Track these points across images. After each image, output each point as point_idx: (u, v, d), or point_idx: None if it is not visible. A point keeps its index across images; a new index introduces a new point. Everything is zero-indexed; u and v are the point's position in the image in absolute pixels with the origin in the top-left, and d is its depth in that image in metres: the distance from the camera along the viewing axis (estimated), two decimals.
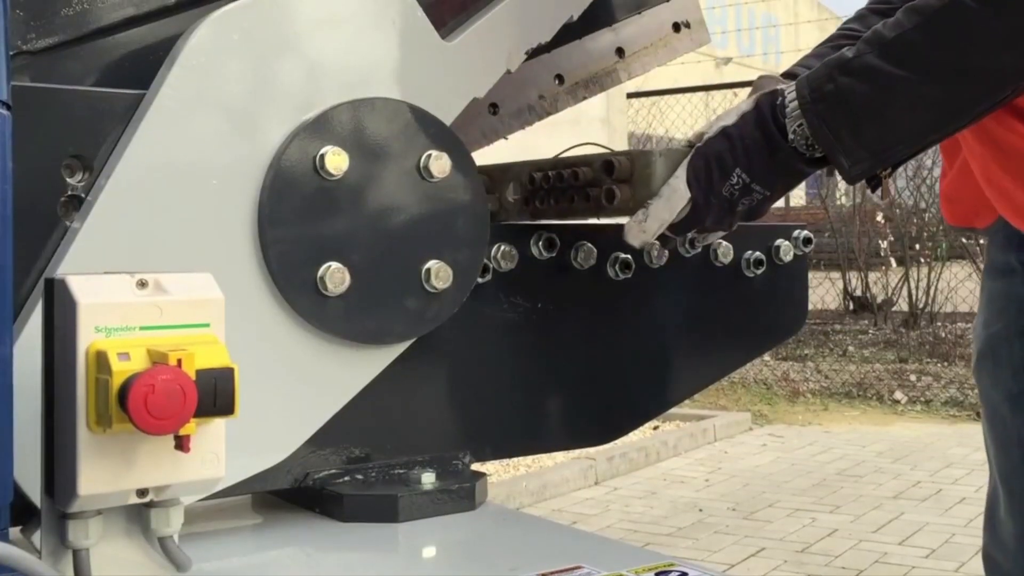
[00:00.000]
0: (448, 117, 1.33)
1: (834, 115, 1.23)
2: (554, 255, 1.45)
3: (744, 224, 1.38)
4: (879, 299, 10.70)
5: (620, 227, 1.37)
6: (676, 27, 1.79)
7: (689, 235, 1.42)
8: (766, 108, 1.29)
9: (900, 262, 10.48)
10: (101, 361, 0.87)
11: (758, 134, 1.28)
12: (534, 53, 1.55)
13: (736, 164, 1.28)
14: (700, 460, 6.31)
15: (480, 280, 1.38)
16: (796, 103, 1.26)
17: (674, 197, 1.30)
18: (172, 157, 1.16)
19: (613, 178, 1.34)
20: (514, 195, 1.46)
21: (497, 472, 5.36)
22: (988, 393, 1.57)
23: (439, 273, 1.31)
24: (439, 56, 1.33)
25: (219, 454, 0.93)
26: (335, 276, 1.24)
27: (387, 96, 1.29)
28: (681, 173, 1.30)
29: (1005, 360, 1.52)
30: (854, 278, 11.05)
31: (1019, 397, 1.49)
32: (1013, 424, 1.50)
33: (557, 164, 1.42)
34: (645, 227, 1.33)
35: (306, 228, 1.23)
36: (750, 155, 1.28)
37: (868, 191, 1.46)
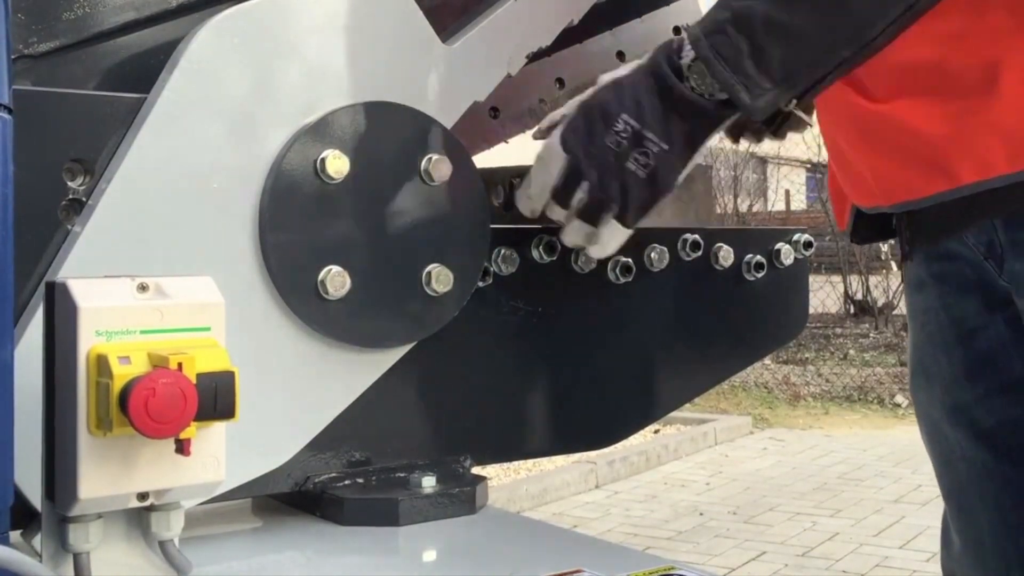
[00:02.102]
0: (449, 120, 1.33)
1: (731, 44, 1.10)
2: (555, 259, 1.45)
3: (744, 228, 1.38)
4: (880, 302, 10.70)
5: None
6: (677, 31, 1.79)
7: (584, 222, 1.27)
8: (660, 54, 1.18)
9: (901, 265, 10.48)
10: (102, 365, 0.87)
11: (650, 79, 1.16)
12: (535, 57, 1.56)
13: (622, 110, 1.16)
14: (701, 464, 6.31)
15: (481, 284, 1.38)
16: (689, 44, 1.15)
17: (550, 157, 1.21)
18: (173, 161, 1.16)
19: None
20: (497, 199, 1.47)
21: (498, 476, 5.36)
22: (926, 410, 1.50)
23: (440, 277, 1.31)
24: (440, 59, 1.33)
25: (220, 458, 0.94)
26: (335, 280, 1.24)
27: (388, 100, 1.29)
28: (557, 131, 1.21)
29: (935, 375, 1.46)
30: (855, 281, 11.05)
31: (955, 411, 1.43)
32: (954, 438, 1.44)
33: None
34: (530, 194, 1.24)
35: (307, 231, 1.23)
36: (639, 99, 1.15)
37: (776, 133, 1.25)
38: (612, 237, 1.27)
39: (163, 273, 1.00)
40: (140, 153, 1.14)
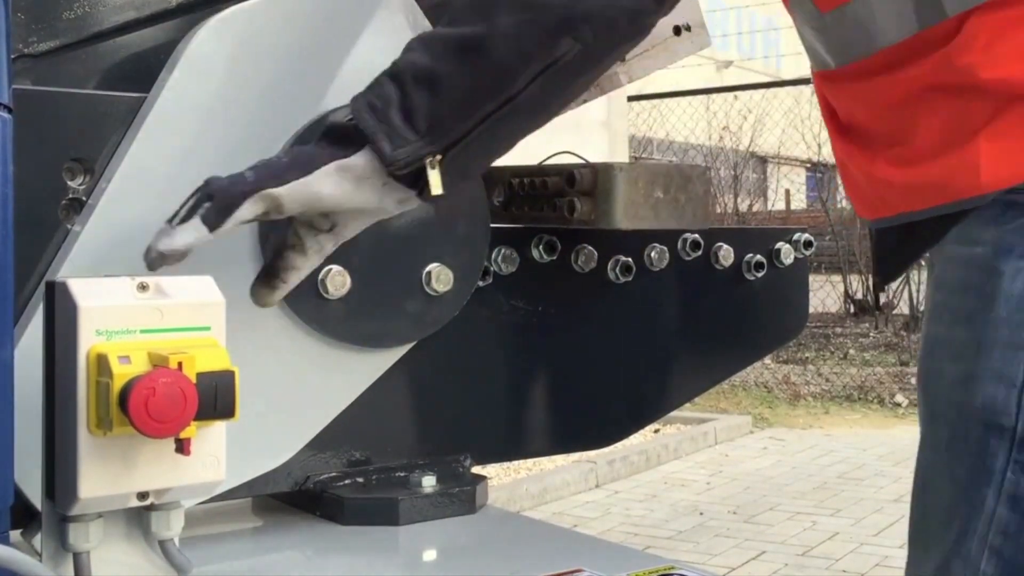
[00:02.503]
0: None
1: (383, 95, 1.03)
2: (555, 258, 1.45)
3: (745, 227, 1.38)
4: (880, 302, 10.70)
5: (620, 231, 1.37)
6: (677, 30, 1.78)
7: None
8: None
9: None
10: (102, 364, 0.87)
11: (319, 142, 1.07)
12: None
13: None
14: (701, 463, 6.31)
15: (481, 283, 1.38)
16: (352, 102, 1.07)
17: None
18: (173, 160, 1.16)
19: (575, 190, 1.36)
20: (498, 199, 1.47)
21: (498, 475, 5.36)
22: None
23: (440, 276, 1.31)
24: None
25: (219, 457, 0.94)
26: (336, 279, 1.24)
27: None
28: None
29: None
30: (855, 281, 11.05)
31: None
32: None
33: (533, 172, 1.44)
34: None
35: None
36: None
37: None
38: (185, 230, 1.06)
39: (163, 272, 1.00)
40: (140, 152, 1.14)
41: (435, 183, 1.03)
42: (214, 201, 1.01)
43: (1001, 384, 1.05)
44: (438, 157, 1.02)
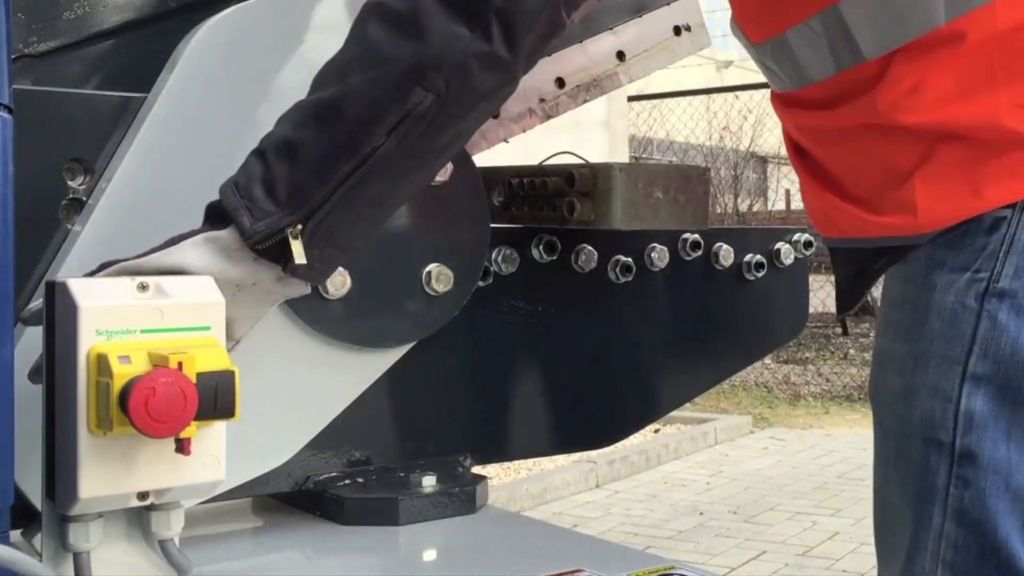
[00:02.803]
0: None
1: (247, 171, 1.01)
2: (555, 258, 1.45)
3: (744, 228, 1.38)
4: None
5: (620, 231, 1.37)
6: (677, 30, 1.78)
7: None
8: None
9: None
10: (102, 364, 0.87)
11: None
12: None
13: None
14: (701, 463, 6.31)
15: (481, 283, 1.38)
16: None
17: None
18: (173, 160, 1.16)
19: (575, 190, 1.36)
20: (498, 199, 1.47)
21: (498, 475, 5.36)
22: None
23: (440, 276, 1.31)
24: None
25: (220, 457, 0.93)
26: (336, 279, 1.24)
27: None
28: None
29: None
30: None
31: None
32: None
33: (533, 172, 1.44)
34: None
35: None
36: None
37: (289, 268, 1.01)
38: None
39: None
40: (140, 152, 1.14)
41: (297, 253, 0.98)
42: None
43: (937, 398, 1.04)
44: (299, 227, 0.98)
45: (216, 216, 1.00)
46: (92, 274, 0.99)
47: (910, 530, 1.08)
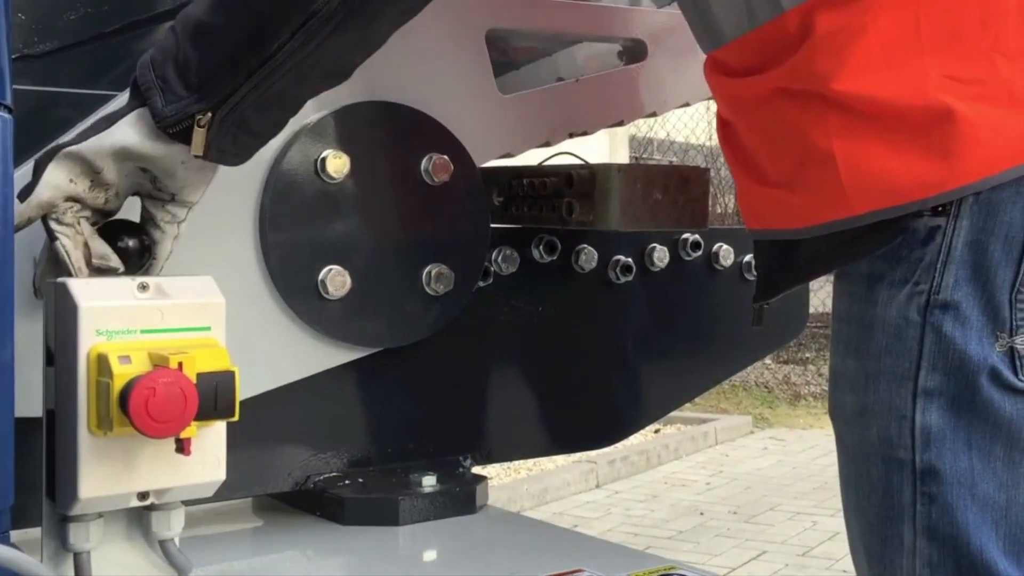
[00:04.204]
0: (480, 160, 1.35)
1: (163, 50, 1.01)
2: (555, 258, 1.45)
3: (743, 228, 1.38)
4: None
5: (620, 232, 1.37)
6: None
7: None
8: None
9: None
10: (102, 364, 0.87)
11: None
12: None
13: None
14: (701, 463, 6.30)
15: (481, 283, 1.38)
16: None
17: None
18: None
19: (573, 191, 1.36)
20: (498, 199, 1.47)
21: (498, 475, 5.36)
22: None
23: (440, 276, 1.31)
24: (491, 104, 1.36)
25: (220, 457, 0.94)
26: (336, 279, 1.24)
27: (388, 99, 1.29)
28: None
29: None
30: None
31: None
32: None
33: (533, 172, 1.44)
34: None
35: (307, 231, 1.23)
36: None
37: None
38: None
39: (164, 272, 1.00)
40: None
41: (197, 144, 1.00)
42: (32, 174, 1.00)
43: (892, 416, 1.02)
44: (208, 115, 1.00)
45: (136, 91, 1.01)
46: (37, 164, 0.98)
47: (879, 551, 1.06)
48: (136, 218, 1.09)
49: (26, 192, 0.99)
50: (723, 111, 1.13)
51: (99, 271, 1.01)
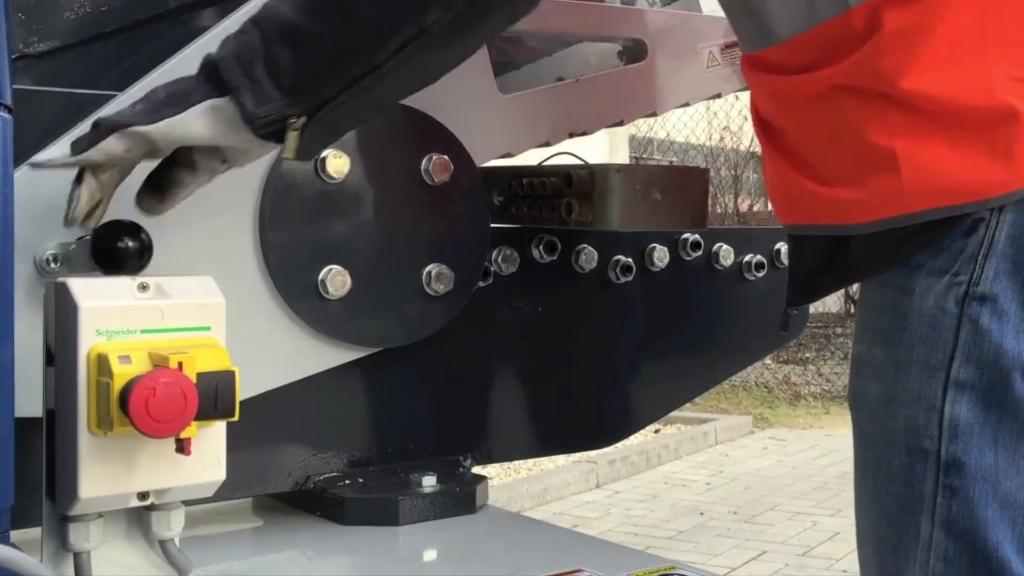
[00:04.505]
0: (480, 160, 1.35)
1: (250, 45, 0.99)
2: (555, 258, 1.45)
3: (744, 228, 1.37)
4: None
5: (620, 232, 1.38)
6: None
7: None
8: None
9: None
10: (102, 364, 0.87)
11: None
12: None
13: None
14: (701, 463, 6.31)
15: (481, 283, 1.38)
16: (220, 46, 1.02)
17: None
18: None
19: (573, 191, 1.36)
20: (498, 199, 1.47)
21: (498, 475, 5.36)
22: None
23: (440, 276, 1.31)
24: (491, 103, 1.35)
25: (220, 457, 0.94)
26: (336, 279, 1.24)
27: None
28: None
29: None
30: None
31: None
32: None
33: (533, 172, 1.44)
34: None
35: (307, 231, 1.23)
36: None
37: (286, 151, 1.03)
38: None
39: (163, 273, 1.00)
40: None
41: (290, 148, 1.00)
42: (91, 131, 1.00)
43: (920, 406, 1.01)
44: (302, 120, 0.99)
45: (214, 80, 0.99)
46: (97, 125, 0.98)
47: (894, 541, 1.05)
48: (135, 217, 1.09)
49: (79, 143, 0.99)
50: (766, 108, 1.12)
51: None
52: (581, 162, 1.41)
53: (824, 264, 1.10)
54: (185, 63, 1.16)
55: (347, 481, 1.33)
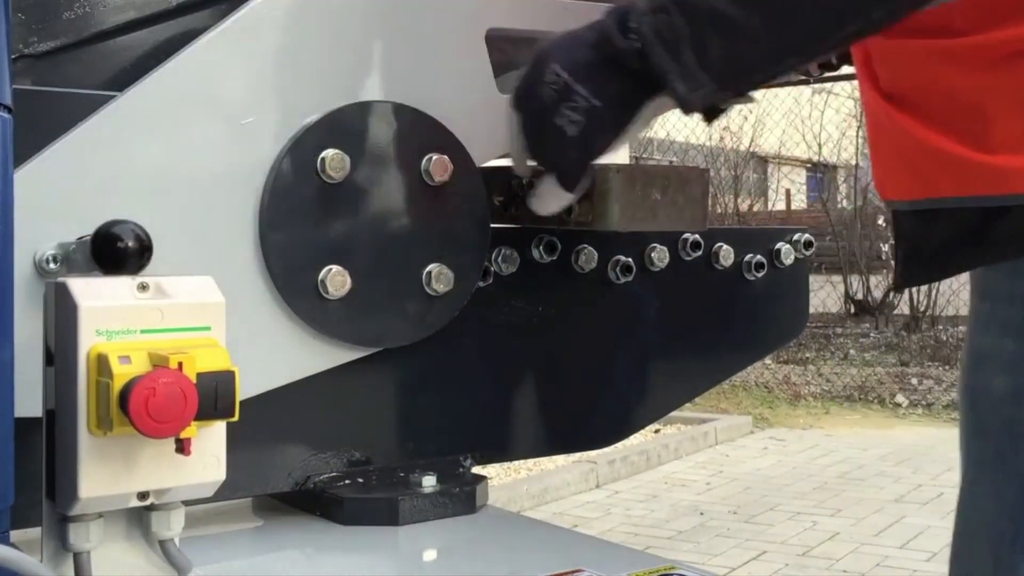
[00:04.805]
0: (479, 160, 1.34)
1: (673, 28, 1.00)
2: (555, 258, 1.45)
3: (744, 228, 1.37)
4: (880, 302, 10.69)
5: (620, 232, 1.37)
6: None
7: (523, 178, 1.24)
8: (611, 15, 1.08)
9: None
10: (102, 364, 0.87)
11: (590, 33, 1.08)
12: None
13: (556, 60, 1.08)
14: (701, 463, 6.31)
15: (481, 283, 1.38)
16: (632, 16, 1.04)
17: (511, 120, 1.16)
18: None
19: None
20: (498, 199, 1.47)
21: (498, 475, 5.36)
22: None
23: (440, 276, 1.31)
24: (490, 101, 1.34)
25: (220, 457, 0.94)
26: (336, 279, 1.24)
27: (388, 99, 1.29)
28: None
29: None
30: (855, 281, 11.04)
31: None
32: None
33: (533, 172, 1.43)
34: (512, 156, 1.22)
35: (307, 231, 1.23)
36: (575, 50, 1.08)
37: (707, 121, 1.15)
38: (549, 193, 1.20)
39: (163, 273, 1.00)
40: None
41: (711, 119, 1.12)
42: (559, 175, 1.15)
43: None
44: (730, 97, 1.08)
45: (631, 70, 1.04)
46: (584, 175, 1.16)
47: (1012, 534, 1.04)
48: (135, 217, 1.09)
49: (570, 184, 1.16)
50: (905, 77, 1.10)
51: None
52: None
53: (967, 238, 1.07)
54: (186, 63, 1.17)
55: (347, 481, 1.33)
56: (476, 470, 1.43)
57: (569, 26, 1.46)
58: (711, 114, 1.12)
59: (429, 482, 1.33)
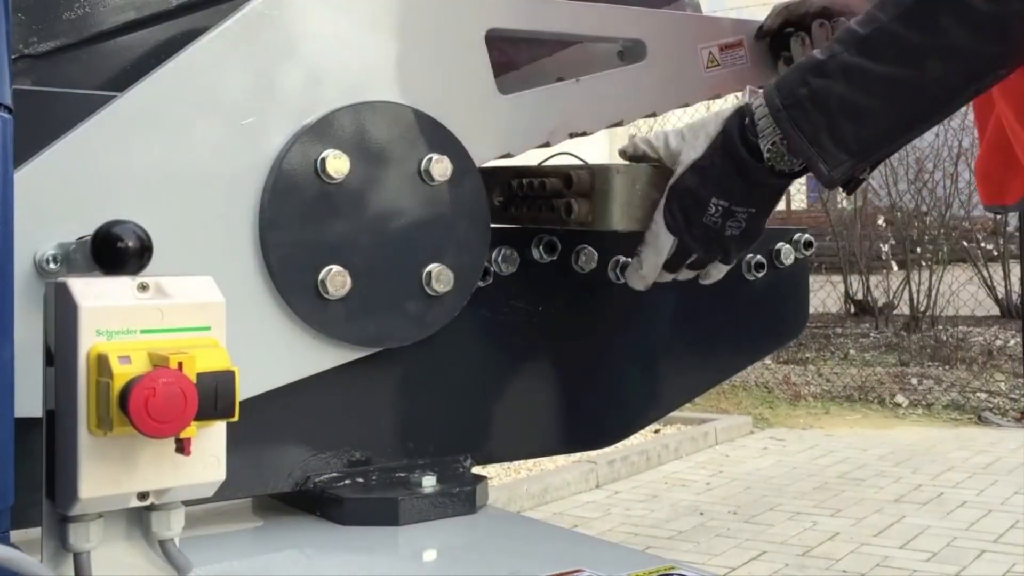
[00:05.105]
0: (478, 160, 1.34)
1: (809, 120, 1.19)
2: (555, 258, 1.45)
3: None
4: (880, 302, 10.69)
5: (620, 232, 1.37)
6: None
7: (691, 271, 1.39)
8: (734, 131, 1.26)
9: (901, 265, 10.47)
10: (102, 364, 0.87)
11: (728, 162, 1.26)
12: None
13: (711, 195, 1.27)
14: (701, 463, 6.31)
15: (481, 283, 1.38)
16: (767, 117, 1.22)
17: (658, 242, 1.32)
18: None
19: (572, 191, 1.35)
20: (498, 199, 1.47)
21: (498, 475, 5.36)
22: None
23: (440, 276, 1.31)
24: (491, 104, 1.35)
25: (220, 457, 0.94)
26: (336, 279, 1.24)
27: (388, 99, 1.29)
28: (659, 218, 1.32)
29: None
30: (855, 281, 11.04)
31: None
32: None
33: (533, 172, 1.44)
34: (643, 274, 1.36)
35: (307, 231, 1.23)
36: (722, 183, 1.27)
37: (846, 192, 1.37)
38: (720, 272, 1.42)
39: (163, 273, 1.00)
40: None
41: (852, 191, 1.32)
42: (733, 258, 1.37)
43: None
44: (867, 169, 1.26)
45: (745, 160, 1.25)
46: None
47: None
48: (135, 217, 1.09)
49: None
50: None
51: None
52: (581, 162, 1.41)
53: None
54: (186, 63, 1.17)
55: (347, 481, 1.33)
56: (476, 470, 1.43)
57: (569, 26, 1.47)
58: (852, 186, 1.30)
59: (429, 482, 1.33)
